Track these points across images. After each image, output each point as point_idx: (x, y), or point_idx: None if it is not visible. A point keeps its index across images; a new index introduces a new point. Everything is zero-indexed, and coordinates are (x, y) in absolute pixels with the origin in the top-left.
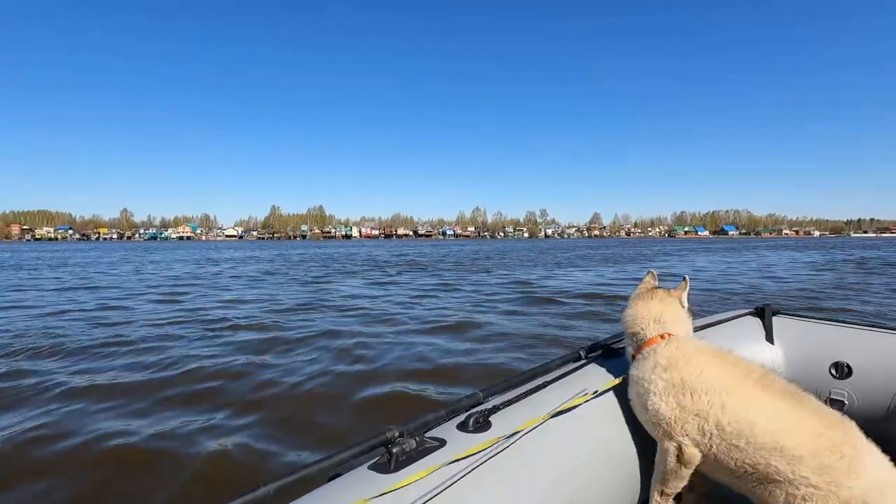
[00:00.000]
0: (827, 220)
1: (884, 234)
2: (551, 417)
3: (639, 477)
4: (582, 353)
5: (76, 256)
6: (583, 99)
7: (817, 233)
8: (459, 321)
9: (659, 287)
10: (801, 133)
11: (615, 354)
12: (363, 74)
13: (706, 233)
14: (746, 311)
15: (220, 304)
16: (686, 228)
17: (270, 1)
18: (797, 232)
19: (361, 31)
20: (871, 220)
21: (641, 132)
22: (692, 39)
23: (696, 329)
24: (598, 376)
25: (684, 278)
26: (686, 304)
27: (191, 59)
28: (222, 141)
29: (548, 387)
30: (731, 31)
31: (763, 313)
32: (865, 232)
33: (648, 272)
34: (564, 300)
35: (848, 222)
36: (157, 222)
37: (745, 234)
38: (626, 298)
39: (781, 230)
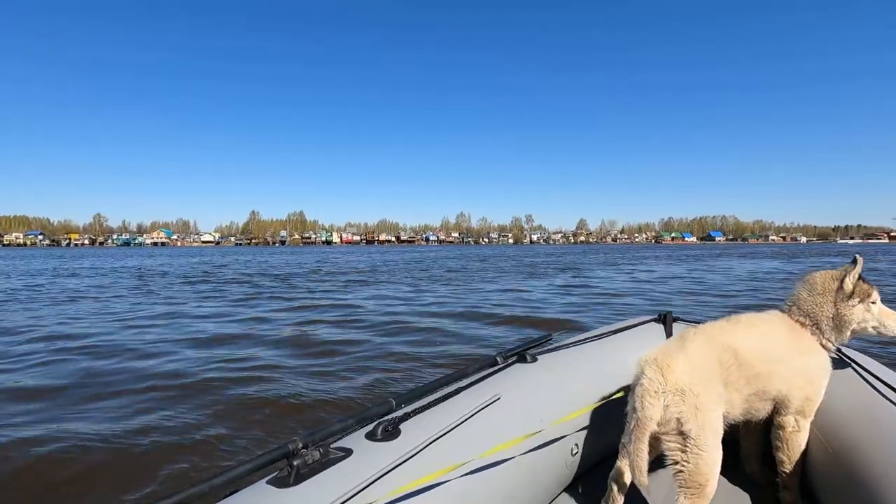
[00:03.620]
0: (814, 227)
1: (870, 241)
2: (462, 423)
3: (547, 477)
4: (498, 359)
5: None
6: (574, 111)
7: (804, 239)
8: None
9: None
10: (789, 138)
11: (529, 359)
12: (356, 84)
13: (693, 238)
14: (650, 318)
15: None
16: (673, 234)
17: (254, 2)
18: (784, 238)
19: (346, 38)
20: (858, 226)
21: (630, 138)
22: (683, 46)
23: (605, 334)
24: (512, 381)
25: (856, 258)
26: (846, 287)
27: (175, 63)
28: (207, 145)
29: (461, 392)
30: (720, 39)
31: (665, 319)
32: (852, 238)
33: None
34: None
35: (835, 228)
36: (133, 227)
37: (732, 240)
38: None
39: (769, 236)
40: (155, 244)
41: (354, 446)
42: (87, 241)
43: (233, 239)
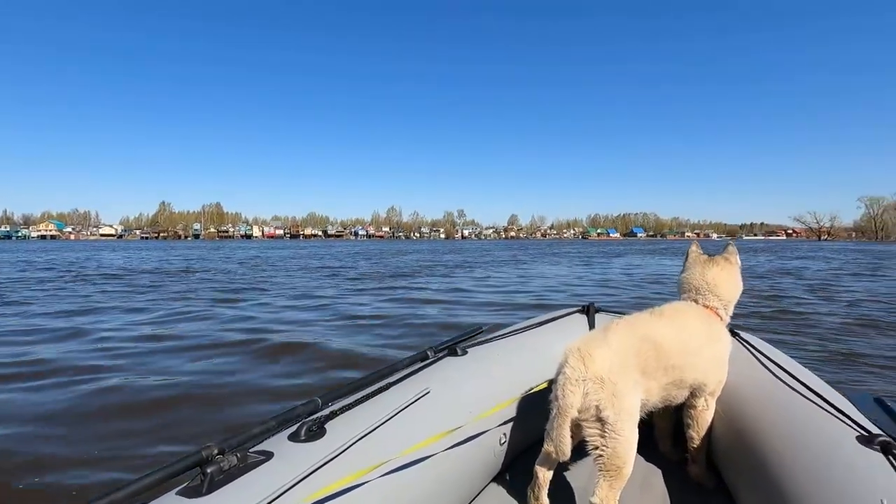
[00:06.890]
0: (724, 224)
1: (770, 237)
2: (390, 419)
3: (476, 468)
4: (429, 353)
5: None
6: (507, 104)
7: (715, 235)
8: None
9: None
10: (704, 138)
11: (459, 352)
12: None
13: (617, 235)
14: (575, 308)
15: None
16: (599, 230)
17: None
18: (698, 234)
19: (268, 22)
20: (762, 223)
21: (560, 132)
22: (600, 44)
23: (532, 326)
24: (442, 374)
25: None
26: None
27: (85, 38)
28: (116, 129)
29: (391, 388)
30: (642, 38)
31: (588, 310)
32: (755, 235)
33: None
34: None
35: (742, 226)
36: (18, 218)
37: (652, 236)
38: None
39: (685, 233)
40: (43, 237)
41: (275, 449)
42: None
43: (138, 232)
